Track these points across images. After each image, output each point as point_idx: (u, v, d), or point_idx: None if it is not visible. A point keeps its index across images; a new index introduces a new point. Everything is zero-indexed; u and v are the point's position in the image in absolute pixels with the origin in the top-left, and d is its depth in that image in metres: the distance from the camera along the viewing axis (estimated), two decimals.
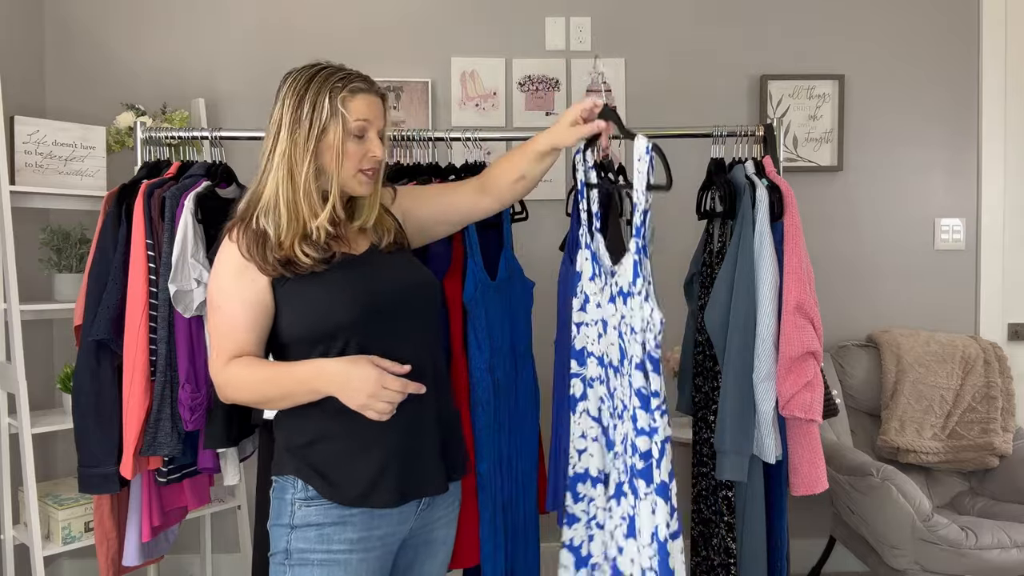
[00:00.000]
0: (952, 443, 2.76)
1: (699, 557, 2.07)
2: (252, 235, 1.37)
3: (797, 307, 1.78)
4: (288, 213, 1.37)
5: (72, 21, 2.95)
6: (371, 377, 1.30)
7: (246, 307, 1.37)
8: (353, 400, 1.31)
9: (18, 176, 2.37)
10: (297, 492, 1.36)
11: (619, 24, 3.06)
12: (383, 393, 1.30)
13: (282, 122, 1.38)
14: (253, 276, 1.36)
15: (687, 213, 2.24)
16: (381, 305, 1.39)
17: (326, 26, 3.00)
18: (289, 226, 1.37)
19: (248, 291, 1.36)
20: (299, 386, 1.34)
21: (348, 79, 1.40)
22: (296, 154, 1.37)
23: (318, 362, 1.34)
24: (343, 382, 1.31)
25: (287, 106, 1.38)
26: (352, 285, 1.39)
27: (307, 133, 1.37)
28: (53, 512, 2.31)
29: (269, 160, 1.40)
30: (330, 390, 1.32)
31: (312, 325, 1.36)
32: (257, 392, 1.37)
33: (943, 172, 3.11)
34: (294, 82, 1.40)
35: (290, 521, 1.36)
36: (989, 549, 2.29)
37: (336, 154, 1.39)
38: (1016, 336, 3.12)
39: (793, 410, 1.77)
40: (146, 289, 1.88)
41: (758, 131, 2.07)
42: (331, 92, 1.38)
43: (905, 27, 3.08)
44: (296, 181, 1.37)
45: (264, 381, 1.36)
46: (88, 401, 1.93)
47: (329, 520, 1.35)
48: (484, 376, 1.85)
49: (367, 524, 1.37)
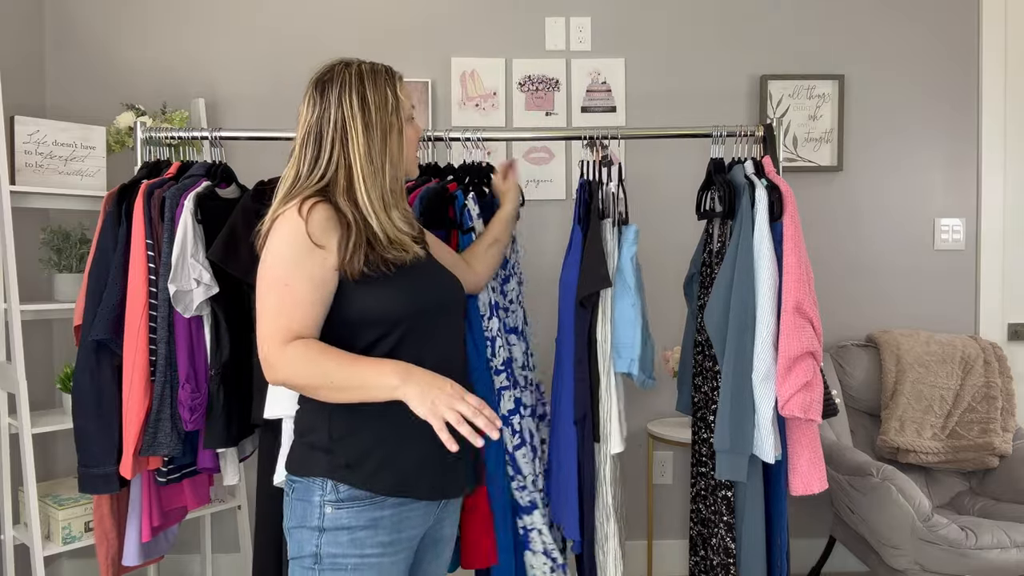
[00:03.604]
0: (952, 443, 2.76)
1: (698, 557, 2.07)
2: (356, 239, 1.36)
3: (796, 307, 1.79)
4: (381, 208, 1.40)
5: (72, 21, 2.96)
6: (454, 387, 1.30)
7: (317, 285, 1.34)
8: (427, 403, 1.28)
9: (18, 176, 2.37)
10: (327, 494, 1.35)
11: (619, 24, 3.06)
12: (461, 404, 1.28)
13: (348, 122, 1.40)
14: (326, 255, 1.34)
15: (687, 213, 2.24)
16: (436, 301, 1.45)
17: (326, 26, 3.00)
18: (386, 226, 1.39)
19: (321, 269, 1.34)
20: (376, 379, 1.30)
21: (391, 71, 1.48)
22: (376, 149, 1.41)
23: (403, 363, 1.33)
24: (428, 383, 1.29)
25: (350, 106, 1.40)
26: (416, 280, 1.42)
27: (382, 127, 1.42)
28: (53, 512, 2.32)
29: (339, 163, 1.40)
30: (409, 389, 1.29)
31: (376, 311, 1.37)
32: (322, 377, 1.32)
33: (943, 172, 3.12)
34: (345, 83, 1.42)
35: (320, 524, 1.34)
36: (989, 549, 2.29)
37: (405, 142, 1.47)
38: (1016, 336, 3.12)
39: (793, 410, 1.77)
40: (146, 289, 1.88)
41: (758, 131, 2.08)
42: (387, 85, 1.44)
43: (905, 27, 3.08)
44: (381, 177, 1.41)
45: (336, 369, 1.31)
46: (88, 401, 1.93)
47: (360, 523, 1.35)
48: (483, 376, 1.85)
49: (396, 526, 1.37)
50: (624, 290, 1.89)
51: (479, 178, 2.05)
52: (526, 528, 1.91)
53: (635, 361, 1.87)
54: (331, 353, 1.32)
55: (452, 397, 1.28)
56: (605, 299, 1.90)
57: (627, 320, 1.88)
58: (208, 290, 1.87)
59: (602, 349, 1.90)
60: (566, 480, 1.89)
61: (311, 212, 1.34)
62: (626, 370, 1.88)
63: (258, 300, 1.37)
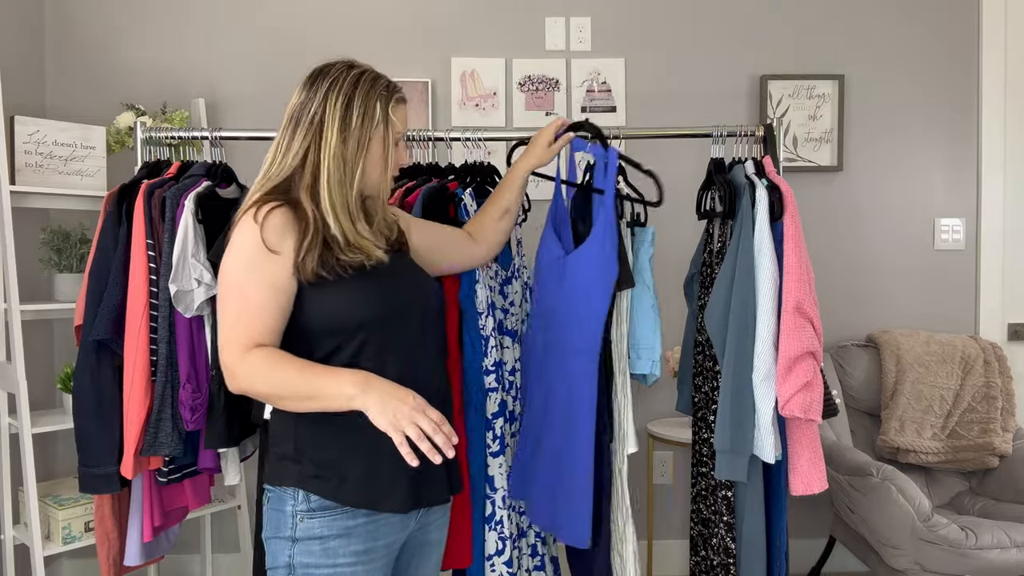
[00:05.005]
0: (952, 443, 2.76)
1: (699, 557, 2.07)
2: (312, 238, 1.33)
3: (797, 307, 1.78)
4: (345, 215, 1.36)
5: (72, 21, 2.96)
6: (416, 400, 1.28)
7: (274, 291, 1.32)
8: (388, 415, 1.26)
9: (18, 176, 2.37)
10: (298, 504, 1.33)
11: (619, 24, 3.06)
12: (422, 418, 1.26)
13: (326, 120, 1.37)
14: (282, 261, 1.32)
15: (687, 213, 2.24)
16: (402, 304, 1.40)
17: (326, 26, 3.00)
18: (347, 231, 1.36)
19: (276, 275, 1.32)
20: (333, 388, 1.28)
21: (392, 88, 1.43)
22: (348, 158, 1.37)
23: (363, 372, 1.30)
24: (388, 393, 1.27)
25: (333, 105, 1.37)
26: (378, 283, 1.38)
27: (358, 138, 1.37)
28: (53, 512, 2.31)
29: (307, 157, 1.37)
30: (367, 400, 1.27)
31: (336, 316, 1.34)
32: (281, 387, 1.30)
33: (943, 172, 3.12)
34: (337, 81, 1.38)
35: (292, 534, 1.33)
36: (989, 549, 2.29)
37: (384, 161, 1.42)
38: (1016, 336, 3.12)
39: (793, 410, 1.77)
40: (146, 289, 1.88)
41: (758, 131, 2.07)
42: (379, 99, 1.40)
43: (905, 27, 3.09)
44: (348, 186, 1.37)
45: (295, 378, 1.29)
46: (88, 401, 1.93)
47: (333, 532, 1.32)
48: (477, 375, 1.85)
49: (371, 534, 1.35)
50: (644, 291, 1.91)
51: (480, 178, 2.05)
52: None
53: (656, 363, 1.89)
54: (290, 362, 1.30)
55: (414, 410, 1.26)
56: (620, 300, 1.90)
57: (648, 322, 1.89)
58: (209, 290, 1.87)
59: (617, 349, 1.89)
60: (579, 485, 1.78)
61: (267, 217, 1.32)
62: (648, 371, 1.89)
63: (218, 305, 1.36)
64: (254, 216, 1.32)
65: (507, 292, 1.99)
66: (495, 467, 1.83)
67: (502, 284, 1.98)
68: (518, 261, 2.04)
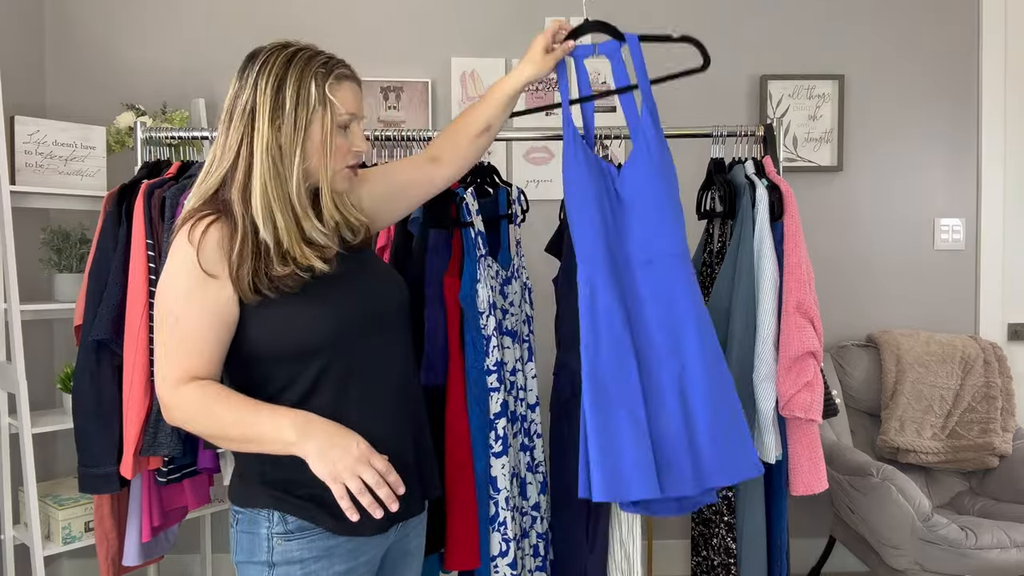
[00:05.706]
0: (952, 443, 2.76)
1: (699, 557, 2.07)
2: (240, 247, 1.20)
3: (797, 307, 1.79)
4: (285, 217, 1.22)
5: (72, 21, 2.96)
6: (360, 448, 1.17)
7: (213, 319, 1.19)
8: (328, 464, 1.15)
9: (18, 176, 2.37)
10: (274, 526, 1.23)
11: (619, 24, 3.04)
12: (365, 469, 1.16)
13: (257, 109, 1.22)
14: (222, 284, 1.19)
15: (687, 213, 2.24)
16: (361, 319, 1.28)
17: (326, 26, 3.00)
18: (290, 233, 1.22)
19: (216, 301, 1.19)
20: (271, 433, 1.17)
21: (331, 64, 1.27)
22: (283, 147, 1.22)
23: (303, 414, 1.19)
24: (328, 441, 1.16)
25: (263, 90, 1.22)
26: (331, 299, 1.25)
27: (293, 124, 1.22)
28: (53, 512, 2.31)
29: (240, 152, 1.23)
30: (307, 447, 1.16)
31: (287, 342, 1.22)
32: (216, 428, 1.19)
33: (943, 172, 3.12)
34: (267, 63, 1.23)
35: (268, 558, 1.23)
36: (989, 549, 2.29)
37: (325, 149, 1.25)
38: (1016, 336, 3.12)
39: (793, 410, 1.78)
40: (146, 289, 1.88)
41: (758, 131, 2.08)
42: (315, 78, 1.24)
43: (905, 27, 3.08)
44: (287, 179, 1.23)
45: (232, 421, 1.18)
46: (88, 401, 1.93)
47: (313, 555, 1.23)
48: (480, 376, 1.85)
49: (352, 553, 1.27)
50: None
51: (480, 177, 2.06)
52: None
53: None
54: (227, 401, 1.19)
55: (358, 461, 1.16)
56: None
57: None
58: None
59: None
60: (734, 400, 1.54)
61: (203, 237, 1.19)
62: None
63: (155, 331, 1.24)
64: (188, 236, 1.19)
65: (507, 292, 1.99)
66: (497, 468, 1.83)
67: (502, 284, 1.98)
68: (518, 261, 2.04)
